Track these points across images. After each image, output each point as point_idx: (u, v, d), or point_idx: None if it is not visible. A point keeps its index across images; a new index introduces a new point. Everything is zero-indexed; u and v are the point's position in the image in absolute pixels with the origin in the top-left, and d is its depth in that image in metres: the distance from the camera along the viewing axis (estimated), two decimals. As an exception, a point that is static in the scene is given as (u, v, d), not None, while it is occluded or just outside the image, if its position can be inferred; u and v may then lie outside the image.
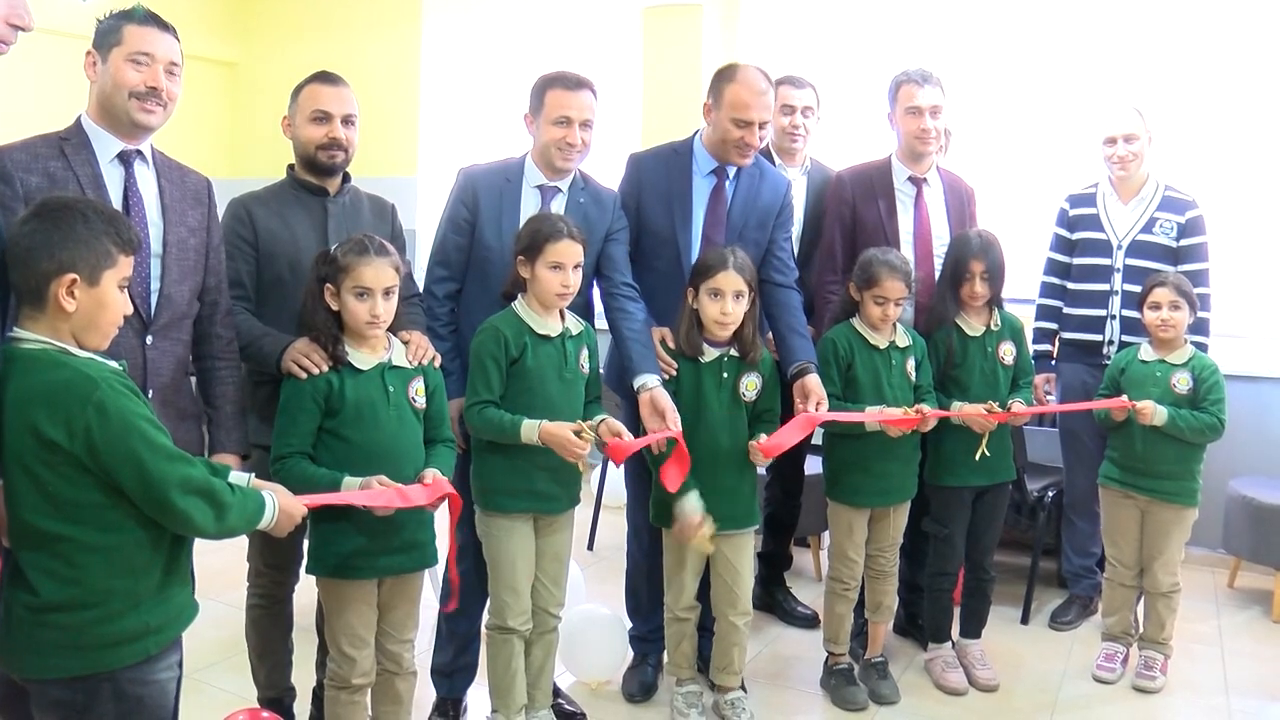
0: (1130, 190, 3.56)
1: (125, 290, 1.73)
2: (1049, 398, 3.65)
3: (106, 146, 2.09)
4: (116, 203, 2.04)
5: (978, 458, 2.99)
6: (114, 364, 1.72)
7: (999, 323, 3.10)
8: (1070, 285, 3.65)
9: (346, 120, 2.50)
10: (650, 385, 2.61)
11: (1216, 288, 3.55)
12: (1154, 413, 3.02)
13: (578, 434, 2.39)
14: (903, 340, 2.97)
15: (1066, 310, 3.66)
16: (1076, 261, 3.63)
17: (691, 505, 2.59)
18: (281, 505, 1.84)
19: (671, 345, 2.76)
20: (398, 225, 2.66)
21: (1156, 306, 3.11)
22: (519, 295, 2.54)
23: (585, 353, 2.60)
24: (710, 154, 2.91)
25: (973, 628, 3.25)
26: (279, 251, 2.46)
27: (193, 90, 5.87)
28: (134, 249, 1.72)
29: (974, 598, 3.23)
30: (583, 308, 2.77)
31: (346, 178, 2.58)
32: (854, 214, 3.21)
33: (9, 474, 1.63)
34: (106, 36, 2.08)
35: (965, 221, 3.27)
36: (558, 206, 2.73)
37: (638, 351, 2.67)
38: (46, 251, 1.62)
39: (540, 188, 2.74)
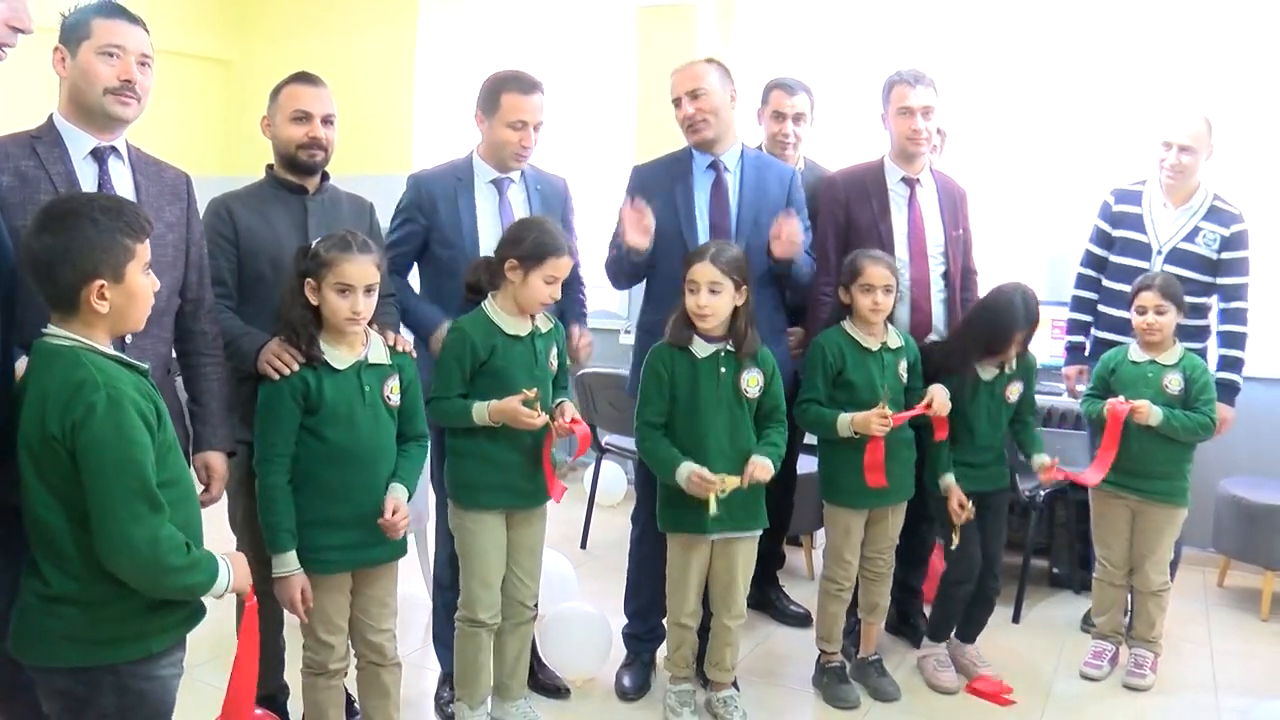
0: (1180, 196, 3.45)
1: (149, 271, 1.72)
2: (1080, 389, 3.54)
3: (80, 143, 2.06)
4: None
5: (953, 547, 3.03)
6: (142, 366, 1.71)
7: (1013, 366, 3.06)
8: (1105, 282, 3.57)
9: (326, 120, 2.52)
10: None
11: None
12: (1150, 413, 3.02)
13: (526, 405, 2.42)
14: (894, 341, 2.97)
15: (1101, 308, 3.58)
16: (1114, 259, 3.54)
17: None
18: (237, 574, 1.76)
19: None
20: (375, 223, 2.70)
21: (1142, 311, 3.10)
22: (490, 294, 2.53)
23: (554, 350, 2.62)
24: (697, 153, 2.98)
25: (971, 633, 3.24)
26: (260, 249, 2.48)
27: (188, 88, 5.99)
28: (147, 233, 1.71)
29: (977, 605, 3.19)
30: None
31: (325, 176, 2.60)
32: (847, 215, 3.21)
33: (22, 465, 1.63)
34: (74, 31, 2.04)
35: (958, 222, 3.28)
36: (516, 195, 2.83)
37: None
38: (68, 263, 1.61)
39: (494, 182, 2.83)
